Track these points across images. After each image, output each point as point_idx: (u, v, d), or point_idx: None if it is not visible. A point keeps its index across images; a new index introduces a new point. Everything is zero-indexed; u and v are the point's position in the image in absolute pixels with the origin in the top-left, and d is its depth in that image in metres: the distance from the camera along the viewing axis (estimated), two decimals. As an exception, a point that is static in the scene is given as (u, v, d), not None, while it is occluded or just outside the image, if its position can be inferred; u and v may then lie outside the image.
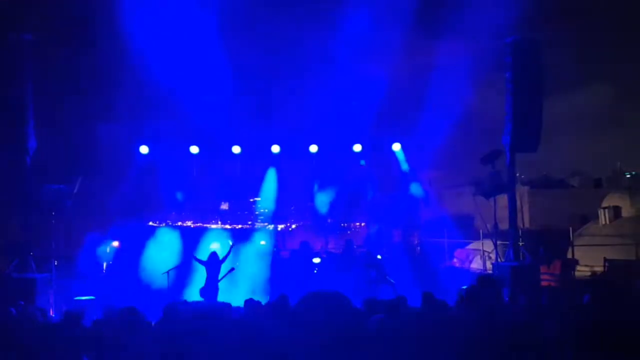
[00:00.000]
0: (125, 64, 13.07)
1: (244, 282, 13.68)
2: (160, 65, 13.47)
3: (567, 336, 4.65)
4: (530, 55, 11.35)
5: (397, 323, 4.73)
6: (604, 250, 14.97)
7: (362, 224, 18.39)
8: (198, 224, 18.17)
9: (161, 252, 14.90)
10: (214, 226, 18.44)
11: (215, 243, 14.48)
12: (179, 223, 17.29)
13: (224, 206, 18.40)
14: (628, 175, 25.25)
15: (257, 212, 18.84)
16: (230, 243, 15.14)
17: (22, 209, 11.79)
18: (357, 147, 15.60)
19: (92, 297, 12.42)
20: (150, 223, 17.25)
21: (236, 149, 15.65)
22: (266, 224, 18.70)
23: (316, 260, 14.93)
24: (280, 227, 18.99)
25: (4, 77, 11.25)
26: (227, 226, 18.48)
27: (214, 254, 13.13)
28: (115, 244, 15.86)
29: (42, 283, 11.61)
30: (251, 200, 18.53)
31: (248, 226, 18.59)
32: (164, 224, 17.05)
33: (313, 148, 15.84)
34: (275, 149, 15.63)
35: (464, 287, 11.49)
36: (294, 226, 19.41)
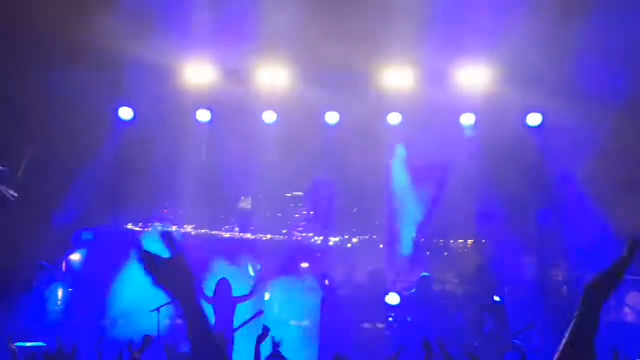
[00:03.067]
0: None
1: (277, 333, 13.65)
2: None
3: None
4: None
5: None
6: None
7: (470, 243, 18.13)
8: (203, 231, 18.33)
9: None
10: (227, 235, 18.58)
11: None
12: (174, 228, 17.40)
13: (245, 203, 18.47)
14: None
15: (297, 216, 18.83)
16: (258, 267, 15.24)
17: None
18: (467, 119, 15.59)
19: (41, 344, 12.52)
20: (130, 227, 17.50)
21: (269, 117, 15.76)
22: (312, 234, 18.68)
23: (392, 299, 14.87)
24: (333, 241, 18.84)
25: None
26: (249, 236, 18.57)
27: (224, 284, 13.27)
28: (77, 257, 16.28)
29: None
30: (289, 195, 18.54)
31: (282, 238, 18.61)
32: (149, 229, 17.24)
33: (394, 118, 15.73)
34: (333, 118, 15.74)
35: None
36: (355, 240, 19.25)
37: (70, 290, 15.67)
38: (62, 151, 15.10)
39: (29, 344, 12.50)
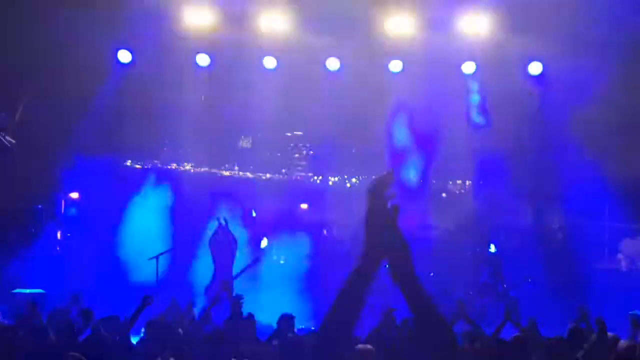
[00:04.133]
0: None
1: (276, 281, 13.76)
2: None
3: None
4: None
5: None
6: None
7: (468, 184, 18.13)
8: (202, 169, 18.25)
9: (145, 216, 15.18)
10: (227, 173, 18.53)
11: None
12: (174, 166, 17.42)
13: (245, 142, 18.49)
14: None
15: (297, 155, 18.81)
16: (254, 214, 15.26)
17: None
18: (469, 67, 15.47)
19: (40, 291, 12.80)
20: (129, 163, 17.46)
21: (270, 62, 15.49)
22: (311, 174, 18.69)
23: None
24: (333, 180, 18.86)
25: None
26: (249, 174, 18.53)
27: (223, 230, 13.39)
28: (75, 196, 16.40)
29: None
30: (289, 134, 18.41)
31: (282, 177, 18.59)
32: (149, 166, 17.25)
33: (395, 65, 15.66)
34: (334, 64, 15.48)
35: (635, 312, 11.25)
36: (354, 180, 19.25)
37: (68, 235, 15.73)
38: (61, 93, 14.77)
39: (27, 291, 12.70)
